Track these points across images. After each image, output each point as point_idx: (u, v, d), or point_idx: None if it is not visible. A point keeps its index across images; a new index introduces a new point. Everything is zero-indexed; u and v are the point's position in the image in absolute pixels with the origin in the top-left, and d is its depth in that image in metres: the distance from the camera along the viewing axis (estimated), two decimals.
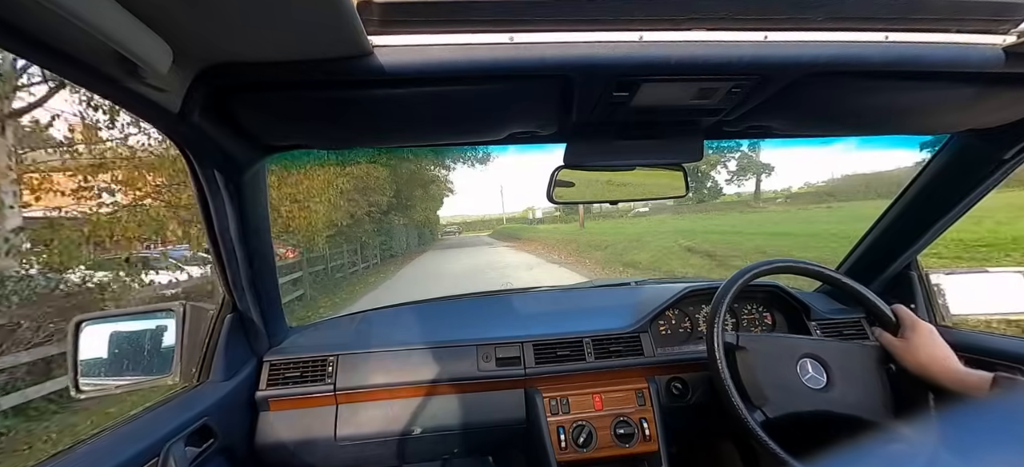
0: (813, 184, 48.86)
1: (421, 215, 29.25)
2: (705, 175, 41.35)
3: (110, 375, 0.98)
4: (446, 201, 37.86)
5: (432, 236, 36.73)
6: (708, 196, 42.05)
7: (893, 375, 0.96)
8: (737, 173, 43.06)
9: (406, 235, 23.17)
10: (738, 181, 43.86)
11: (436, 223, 40.50)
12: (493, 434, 1.23)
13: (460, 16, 0.59)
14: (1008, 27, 0.65)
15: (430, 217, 34.07)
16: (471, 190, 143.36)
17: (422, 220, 30.25)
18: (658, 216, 34.08)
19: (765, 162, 43.13)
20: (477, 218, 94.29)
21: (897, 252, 1.25)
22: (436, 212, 37.67)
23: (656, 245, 14.18)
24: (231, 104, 0.69)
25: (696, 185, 40.60)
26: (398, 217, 21.18)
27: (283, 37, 0.54)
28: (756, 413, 0.92)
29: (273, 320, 1.20)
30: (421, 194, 25.46)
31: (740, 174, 43.15)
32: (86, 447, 0.76)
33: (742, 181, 43.49)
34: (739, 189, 44.89)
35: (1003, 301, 1.19)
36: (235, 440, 1.05)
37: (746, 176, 43.05)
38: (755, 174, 42.36)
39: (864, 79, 0.71)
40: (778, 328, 1.37)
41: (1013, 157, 0.95)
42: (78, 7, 0.40)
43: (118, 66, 0.50)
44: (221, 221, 0.88)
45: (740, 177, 43.39)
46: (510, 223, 65.64)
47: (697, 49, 0.63)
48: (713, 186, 42.94)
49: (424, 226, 31.84)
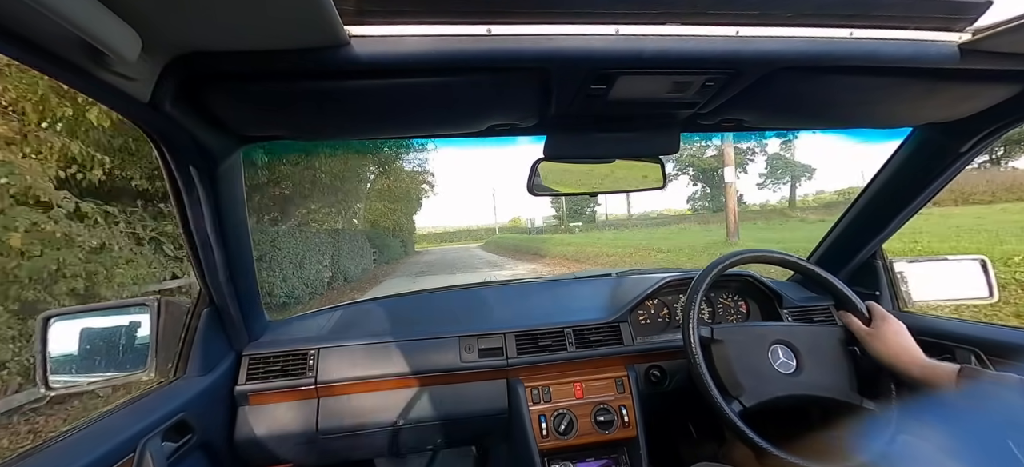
0: (845, 189, 39.30)
1: (387, 218, 22.65)
2: (721, 182, 36.98)
3: (82, 372, 0.95)
4: (426, 203, 29.39)
5: (404, 249, 27.11)
6: (719, 204, 36.88)
7: (858, 356, 1.01)
8: (769, 175, 38.44)
9: (359, 248, 14.47)
10: (772, 186, 39.27)
11: (408, 231, 30.55)
12: (476, 424, 1.25)
13: (437, 7, 0.59)
14: (964, 25, 0.68)
15: (401, 223, 25.90)
16: (452, 191, 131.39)
17: (389, 226, 23.06)
18: (679, 225, 29.34)
19: (804, 163, 37.67)
20: (463, 228, 75.96)
21: (863, 242, 1.30)
22: (410, 217, 29.54)
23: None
24: (204, 94, 0.68)
25: (712, 191, 37.63)
26: (333, 217, 14.70)
27: (257, 26, 0.54)
28: (734, 404, 0.95)
29: (252, 314, 1.18)
30: (384, 188, 20.03)
31: (772, 177, 38.29)
32: (59, 444, 0.74)
33: (777, 185, 39.23)
34: (773, 194, 39.81)
35: (962, 287, 1.25)
36: (213, 435, 1.04)
37: (780, 179, 38.44)
38: (790, 176, 37.60)
39: (831, 74, 0.73)
40: (752, 316, 1.41)
41: (970, 149, 0.99)
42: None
43: (84, 54, 0.49)
44: (196, 214, 0.86)
45: (774, 181, 38.73)
46: (503, 233, 54.56)
47: (672, 43, 0.64)
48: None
49: (392, 235, 23.47)
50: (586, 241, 21.89)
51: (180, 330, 1.03)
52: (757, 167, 40.49)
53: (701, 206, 40.11)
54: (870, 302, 1.04)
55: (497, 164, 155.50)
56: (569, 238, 27.49)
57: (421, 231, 59.50)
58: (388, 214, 23.42)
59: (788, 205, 36.49)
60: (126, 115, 0.67)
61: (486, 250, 31.26)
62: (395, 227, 24.74)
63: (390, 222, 23.77)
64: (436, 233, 68.44)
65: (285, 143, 3.90)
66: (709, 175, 37.53)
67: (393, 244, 23.13)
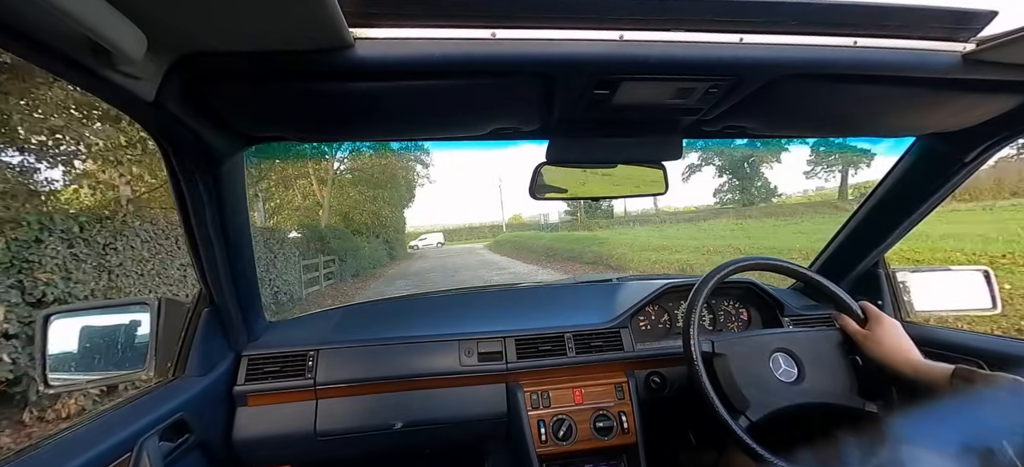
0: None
1: (363, 209, 16.62)
2: (752, 173, 33.94)
3: (81, 370, 0.96)
4: (420, 193, 21.77)
5: (389, 251, 19.88)
6: (757, 196, 34.16)
7: (857, 358, 1.01)
8: (817, 163, 33.55)
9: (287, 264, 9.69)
10: (824, 175, 34.75)
11: (394, 228, 21.66)
12: (474, 428, 1.24)
13: (442, 10, 0.59)
14: (968, 36, 0.68)
15: (384, 217, 18.86)
16: (451, 184, 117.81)
17: (367, 221, 16.92)
18: (715, 220, 25.08)
19: (862, 148, 31.89)
20: (464, 225, 61.48)
21: (866, 251, 1.29)
22: (398, 210, 22.41)
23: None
24: (209, 94, 0.68)
25: (740, 183, 35.30)
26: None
27: (262, 27, 0.54)
28: (741, 419, 0.94)
29: (251, 314, 1.18)
30: (358, 171, 15.05)
31: (824, 163, 33.11)
32: (57, 441, 0.74)
33: (831, 174, 34.11)
34: (825, 183, 35.08)
35: (964, 297, 1.25)
36: (211, 435, 1.04)
37: (834, 166, 32.96)
38: (842, 167, 32.15)
39: (834, 82, 0.73)
40: (754, 324, 1.41)
41: (973, 160, 0.99)
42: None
43: (89, 53, 0.49)
44: (198, 213, 0.86)
45: (826, 170, 33.94)
46: (510, 231, 46.07)
47: (676, 49, 0.64)
48: (763, 185, 35.13)
49: (371, 233, 17.18)
50: (634, 238, 17.89)
51: (180, 329, 1.02)
52: (804, 152, 36.72)
53: (727, 200, 36.88)
54: (863, 302, 1.03)
55: (502, 154, 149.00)
56: (616, 235, 21.87)
57: (416, 230, 52.49)
58: (365, 203, 17.21)
59: (838, 197, 31.27)
60: (130, 114, 0.67)
61: (498, 252, 24.71)
62: (374, 221, 18.03)
63: (367, 215, 17.41)
64: (434, 231, 54.64)
65: (287, 144, 3.94)
66: (737, 166, 35.17)
67: (368, 248, 16.05)
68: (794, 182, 38.24)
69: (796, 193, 38.89)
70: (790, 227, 17.54)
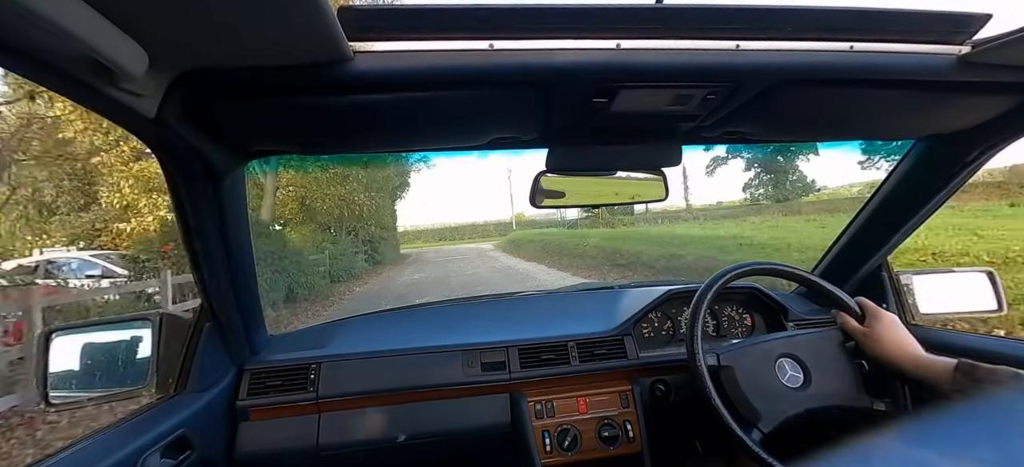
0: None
1: (335, 203, 12.37)
2: (786, 168, 32.59)
3: (82, 387, 0.95)
4: (415, 181, 16.98)
5: (371, 257, 15.40)
6: (791, 192, 32.86)
7: (862, 356, 1.01)
8: (877, 150, 31.14)
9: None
10: (876, 166, 34.69)
11: (383, 224, 17.78)
12: (478, 439, 1.23)
13: (440, 23, 0.60)
14: (963, 39, 0.69)
15: (364, 210, 13.93)
16: (452, 176, 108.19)
17: (340, 214, 12.94)
18: (759, 218, 22.39)
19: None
20: (467, 224, 50.52)
21: (868, 254, 1.29)
22: (389, 203, 18.57)
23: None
24: (210, 109, 0.68)
25: (771, 178, 34.21)
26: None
27: (262, 43, 0.54)
28: (753, 433, 0.93)
29: (253, 328, 1.18)
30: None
31: (883, 152, 30.79)
32: (58, 459, 0.73)
33: (876, 168, 34.09)
34: (878, 174, 36.39)
35: (968, 299, 1.24)
36: (213, 451, 1.03)
37: (891, 154, 32.06)
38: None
39: (832, 86, 0.73)
40: (757, 330, 1.40)
41: (972, 161, 0.99)
42: (49, 10, 0.39)
43: (91, 71, 0.49)
44: (199, 227, 0.87)
45: (887, 157, 33.02)
46: (521, 228, 39.68)
47: (673, 57, 0.65)
48: (797, 179, 34.12)
49: (343, 230, 13.60)
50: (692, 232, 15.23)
51: (181, 345, 1.02)
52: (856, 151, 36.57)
53: (759, 195, 35.68)
54: (860, 298, 1.03)
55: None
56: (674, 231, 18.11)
57: (412, 229, 47.22)
58: (329, 186, 12.43)
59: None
60: (132, 130, 0.68)
61: (519, 255, 19.13)
62: (347, 213, 13.38)
63: (332, 202, 12.72)
64: (433, 230, 48.77)
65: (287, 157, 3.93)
66: (769, 160, 34.18)
67: (334, 250, 11.70)
68: (847, 174, 37.04)
69: (850, 184, 36.83)
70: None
